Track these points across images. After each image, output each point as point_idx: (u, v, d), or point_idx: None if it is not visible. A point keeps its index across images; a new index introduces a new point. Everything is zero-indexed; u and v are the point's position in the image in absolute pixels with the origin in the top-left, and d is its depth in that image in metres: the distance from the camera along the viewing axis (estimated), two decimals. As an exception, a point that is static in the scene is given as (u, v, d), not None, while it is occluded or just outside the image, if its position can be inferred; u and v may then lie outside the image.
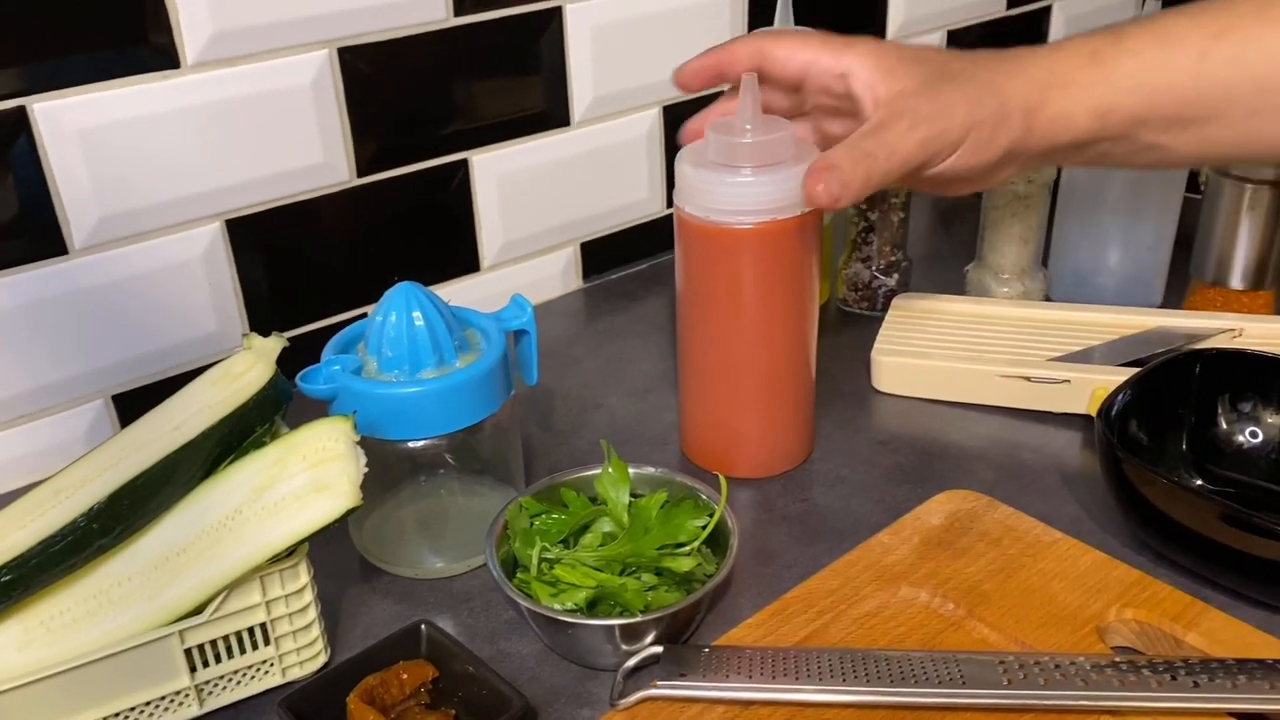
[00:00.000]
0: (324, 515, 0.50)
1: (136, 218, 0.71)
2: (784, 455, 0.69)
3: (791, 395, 0.68)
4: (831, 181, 0.54)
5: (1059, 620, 0.54)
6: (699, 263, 0.63)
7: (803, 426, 0.70)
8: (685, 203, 0.62)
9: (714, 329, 0.64)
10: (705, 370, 0.66)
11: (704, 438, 0.69)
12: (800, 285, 0.64)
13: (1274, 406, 0.65)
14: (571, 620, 0.52)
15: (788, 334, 0.65)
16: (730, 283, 0.62)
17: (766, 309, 0.63)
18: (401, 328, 0.57)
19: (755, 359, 0.65)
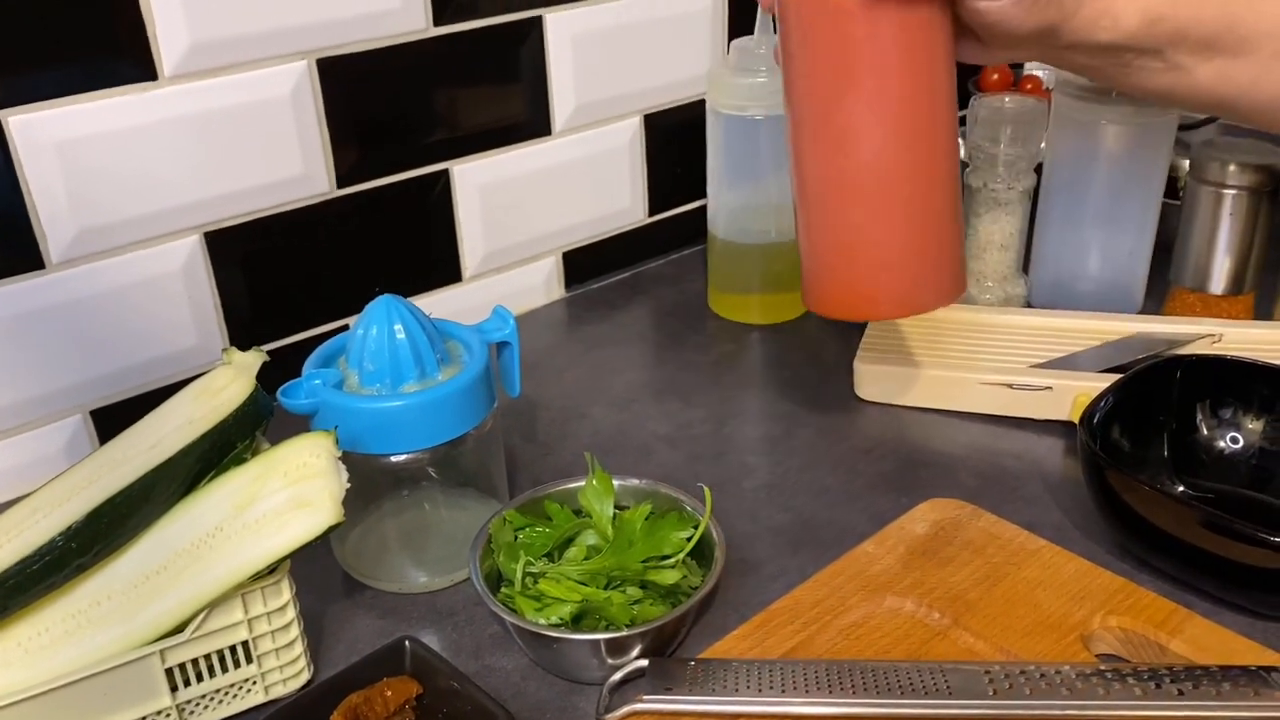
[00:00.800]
0: (305, 532, 0.50)
1: (114, 231, 0.70)
2: (934, 286, 0.58)
3: (941, 208, 0.56)
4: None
5: (1044, 628, 0.54)
6: (818, 44, 0.52)
7: (954, 252, 0.58)
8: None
9: (840, 126, 0.53)
10: (833, 183, 0.55)
11: (833, 274, 0.58)
12: (940, 59, 0.53)
13: (1254, 412, 0.65)
14: (556, 635, 0.51)
15: (931, 116, 0.54)
16: (860, 58, 0.52)
17: (904, 83, 0.52)
18: (383, 341, 0.57)
19: (898, 151, 0.54)
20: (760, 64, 0.79)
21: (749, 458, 0.73)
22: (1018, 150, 0.80)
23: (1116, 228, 0.82)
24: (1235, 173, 0.78)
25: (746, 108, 0.81)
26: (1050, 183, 0.84)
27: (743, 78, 0.80)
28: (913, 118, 0.53)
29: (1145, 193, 0.82)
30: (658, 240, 1.00)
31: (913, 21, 0.51)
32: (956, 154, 0.56)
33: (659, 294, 0.95)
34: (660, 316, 0.92)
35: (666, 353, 0.86)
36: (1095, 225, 0.83)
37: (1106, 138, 0.79)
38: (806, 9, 0.52)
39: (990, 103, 0.80)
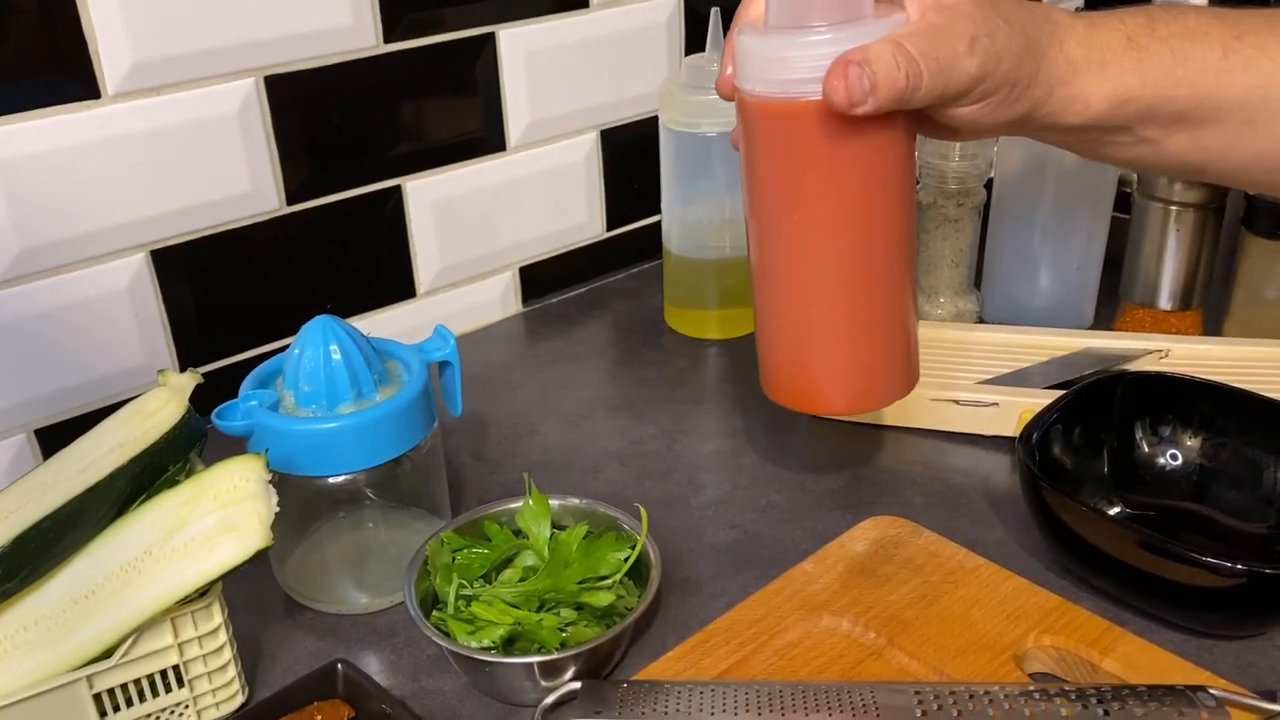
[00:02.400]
0: (233, 556, 0.49)
1: (58, 249, 0.70)
2: (886, 384, 0.57)
3: (893, 307, 0.55)
4: (858, 80, 0.46)
5: (978, 648, 0.54)
6: (774, 153, 0.51)
7: (905, 353, 0.57)
8: (751, 82, 0.50)
9: (790, 231, 0.53)
10: (781, 285, 0.54)
11: (788, 371, 0.57)
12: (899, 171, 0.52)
13: (1192, 429, 0.65)
14: (488, 659, 0.51)
15: (886, 230, 0.53)
16: (815, 171, 0.50)
17: (860, 201, 0.51)
18: (318, 362, 0.56)
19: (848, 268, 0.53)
20: (711, 80, 0.79)
21: (697, 475, 0.73)
22: (967, 166, 0.81)
23: (1065, 243, 0.83)
24: (1182, 189, 0.79)
25: (698, 124, 0.81)
26: (1000, 199, 0.84)
27: (694, 94, 0.80)
28: (868, 230, 0.52)
29: (1093, 208, 0.82)
30: (616, 255, 1.00)
31: (872, 139, 0.50)
32: (912, 256, 0.56)
33: (617, 309, 0.95)
34: (617, 332, 0.92)
35: (621, 368, 0.86)
36: (1044, 241, 0.83)
37: (1054, 154, 0.79)
38: (748, 110, 0.51)
39: (939, 119, 0.80)
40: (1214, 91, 0.52)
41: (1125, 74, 0.52)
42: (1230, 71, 0.52)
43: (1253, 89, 0.52)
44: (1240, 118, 0.53)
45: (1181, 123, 0.53)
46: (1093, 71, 0.52)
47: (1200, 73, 0.52)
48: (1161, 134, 0.54)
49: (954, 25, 0.48)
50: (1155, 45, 0.52)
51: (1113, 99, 0.52)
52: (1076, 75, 0.51)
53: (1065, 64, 0.51)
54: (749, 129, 0.52)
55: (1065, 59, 0.51)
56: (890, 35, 0.47)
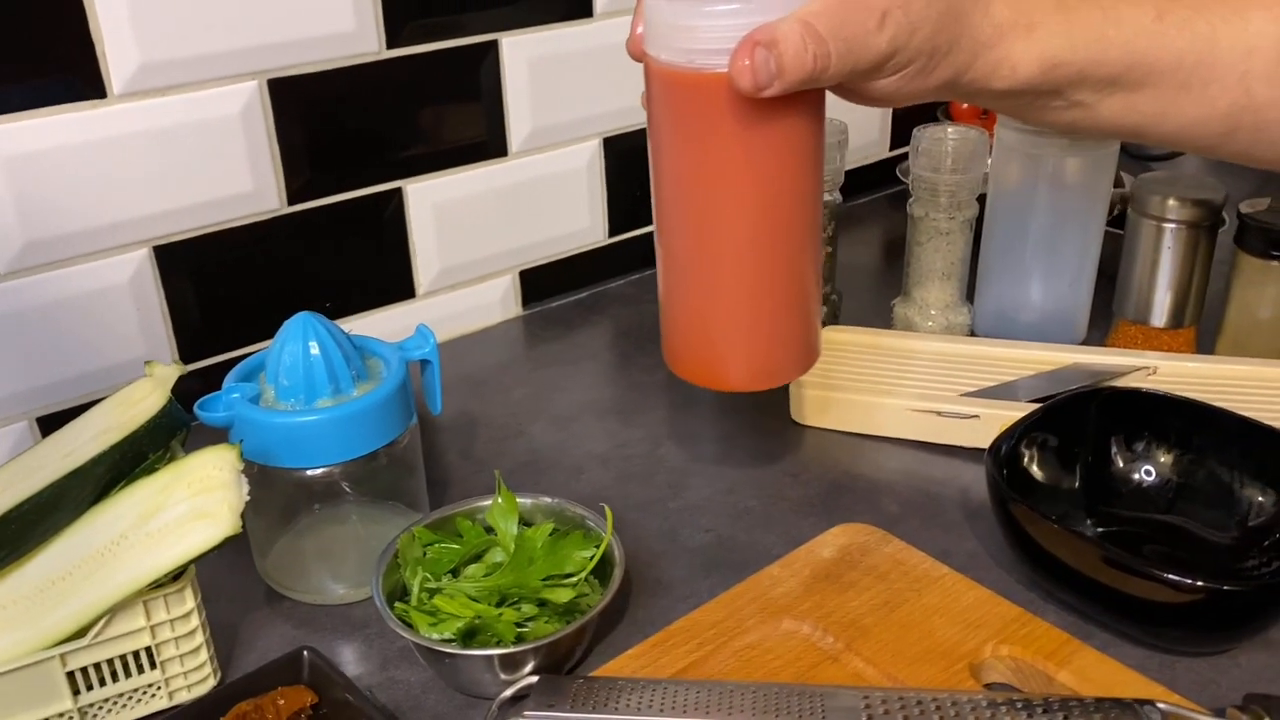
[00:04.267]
0: (203, 542, 0.51)
1: (63, 243, 0.72)
2: (779, 365, 0.57)
3: (793, 286, 0.55)
4: (764, 63, 0.46)
5: (934, 655, 0.55)
6: (678, 125, 0.51)
7: (803, 333, 0.57)
8: (657, 48, 0.49)
9: (692, 203, 0.52)
10: (683, 257, 0.54)
11: (689, 345, 0.57)
12: (808, 156, 0.51)
13: (1167, 445, 0.65)
14: (448, 650, 0.52)
15: (790, 209, 0.52)
16: (719, 146, 0.50)
17: (764, 178, 0.51)
18: (297, 357, 0.58)
19: (749, 244, 0.52)
20: None
21: (678, 478, 0.74)
22: (959, 180, 0.81)
23: (1057, 259, 0.83)
24: (1175, 207, 0.79)
25: None
26: (993, 213, 0.84)
27: None
28: (772, 206, 0.51)
29: (1085, 224, 0.82)
30: (618, 261, 1.01)
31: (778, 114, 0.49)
32: (816, 234, 0.55)
33: (616, 314, 0.97)
34: (614, 336, 0.93)
35: (615, 373, 0.88)
36: (1036, 256, 0.83)
37: (1047, 169, 0.80)
38: (655, 77, 0.51)
39: (932, 133, 0.81)
40: (1147, 54, 0.51)
41: (1054, 36, 0.51)
42: (1164, 34, 0.51)
43: (1187, 52, 0.51)
44: (1174, 81, 0.52)
45: (1115, 86, 0.52)
46: (1020, 34, 0.50)
47: (1133, 35, 0.51)
48: (1095, 98, 0.53)
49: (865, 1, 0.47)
50: (1086, 7, 0.51)
51: (1041, 62, 0.51)
52: (1003, 38, 0.50)
53: (990, 27, 0.50)
54: (654, 95, 0.51)
55: (990, 22, 0.50)
56: (799, 13, 0.46)
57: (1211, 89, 0.52)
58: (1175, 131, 0.55)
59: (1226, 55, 0.52)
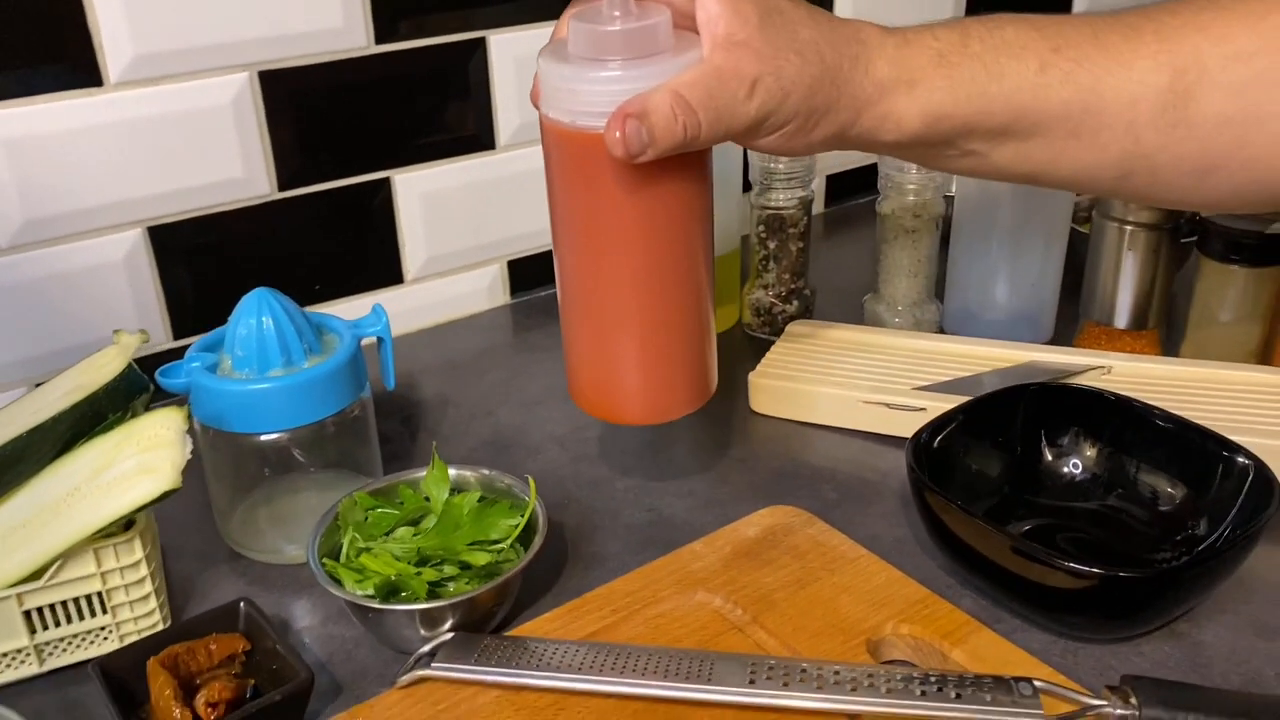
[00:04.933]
0: (144, 495, 0.55)
1: (60, 222, 0.77)
2: (670, 401, 0.60)
3: (680, 329, 0.58)
4: (636, 133, 0.49)
5: (834, 630, 0.57)
6: (566, 177, 0.54)
7: (692, 370, 0.60)
8: (547, 106, 0.53)
9: (582, 252, 0.56)
10: (577, 299, 0.58)
11: (585, 380, 0.61)
12: (689, 206, 0.55)
13: (1093, 439, 0.67)
14: (369, 605, 0.56)
15: (673, 258, 0.56)
16: (602, 199, 0.53)
17: (646, 229, 0.54)
18: (251, 330, 0.62)
19: (632, 289, 0.55)
20: None
21: (630, 460, 0.76)
22: (923, 179, 0.83)
23: (1022, 259, 0.84)
24: (1137, 210, 0.79)
25: None
26: (960, 213, 0.86)
27: None
28: (655, 255, 0.54)
29: (1049, 225, 0.83)
30: (606, 254, 1.04)
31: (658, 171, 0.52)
32: (703, 278, 0.58)
33: (601, 305, 0.99)
34: (595, 326, 0.96)
35: (590, 360, 0.90)
36: (1001, 256, 0.85)
37: (1008, 170, 0.81)
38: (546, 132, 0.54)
39: (897, 133, 0.83)
40: (1032, 106, 0.53)
41: (936, 92, 0.52)
42: (1048, 86, 0.52)
43: (1072, 102, 0.52)
44: (1063, 130, 0.53)
45: (1004, 136, 0.54)
46: (901, 91, 0.52)
47: (1016, 88, 0.52)
48: (986, 147, 0.54)
49: (738, 67, 0.50)
50: (968, 62, 0.53)
51: (925, 117, 0.52)
52: (885, 96, 0.52)
53: (871, 85, 0.52)
54: (546, 147, 0.55)
55: (871, 81, 0.52)
56: (671, 83, 0.49)
57: (1101, 136, 0.53)
58: (1070, 177, 0.57)
59: (1112, 105, 0.52)
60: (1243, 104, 0.52)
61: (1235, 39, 0.51)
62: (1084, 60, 0.53)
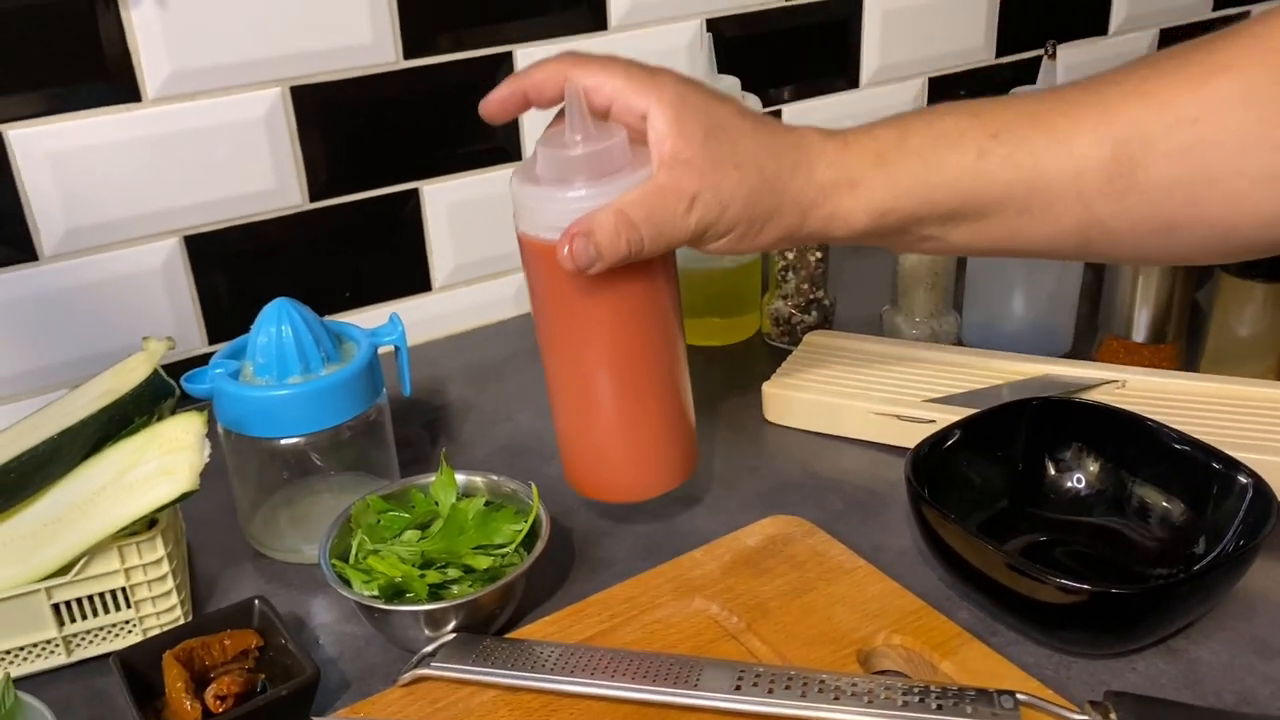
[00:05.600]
0: (163, 496, 0.58)
1: (100, 231, 0.81)
2: (652, 479, 0.66)
3: (659, 414, 0.64)
4: (583, 249, 0.55)
5: (826, 640, 0.58)
6: (540, 283, 0.61)
7: (671, 450, 0.66)
8: (521, 221, 0.60)
9: (562, 351, 0.62)
10: (562, 393, 0.65)
11: (573, 465, 0.67)
12: (652, 302, 0.60)
13: (1096, 454, 0.67)
14: (375, 605, 0.58)
15: (640, 355, 0.62)
16: (573, 303, 0.59)
17: (613, 330, 0.60)
18: (271, 339, 0.65)
19: (607, 383, 0.62)
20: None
21: (642, 468, 0.78)
22: (939, 192, 0.83)
23: (1038, 271, 0.85)
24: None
25: None
26: (976, 225, 0.86)
27: None
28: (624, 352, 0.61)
29: (1065, 239, 0.83)
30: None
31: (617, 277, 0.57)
32: (671, 366, 0.63)
33: (625, 313, 1.01)
34: (618, 334, 0.98)
35: (611, 367, 0.92)
36: (1018, 267, 0.85)
37: (1024, 184, 0.81)
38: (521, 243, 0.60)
39: (914, 146, 0.83)
40: (976, 192, 0.54)
41: (877, 189, 0.55)
42: (987, 172, 0.54)
43: (1015, 184, 0.54)
44: (1013, 209, 0.54)
45: (955, 220, 0.55)
46: (844, 191, 0.55)
47: (956, 177, 0.54)
48: (940, 231, 0.56)
49: (679, 184, 0.54)
50: (906, 159, 0.55)
51: (870, 214, 0.55)
52: (828, 198, 0.55)
53: (813, 189, 0.55)
54: (523, 257, 0.61)
55: (813, 185, 0.55)
56: (616, 203, 0.55)
57: (1053, 210, 0.54)
58: (1033, 249, 0.58)
59: (1056, 180, 0.54)
60: (1190, 166, 0.52)
61: (1177, 105, 0.52)
62: (1023, 142, 0.54)
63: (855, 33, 1.10)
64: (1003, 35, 1.20)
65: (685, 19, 0.99)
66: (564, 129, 0.57)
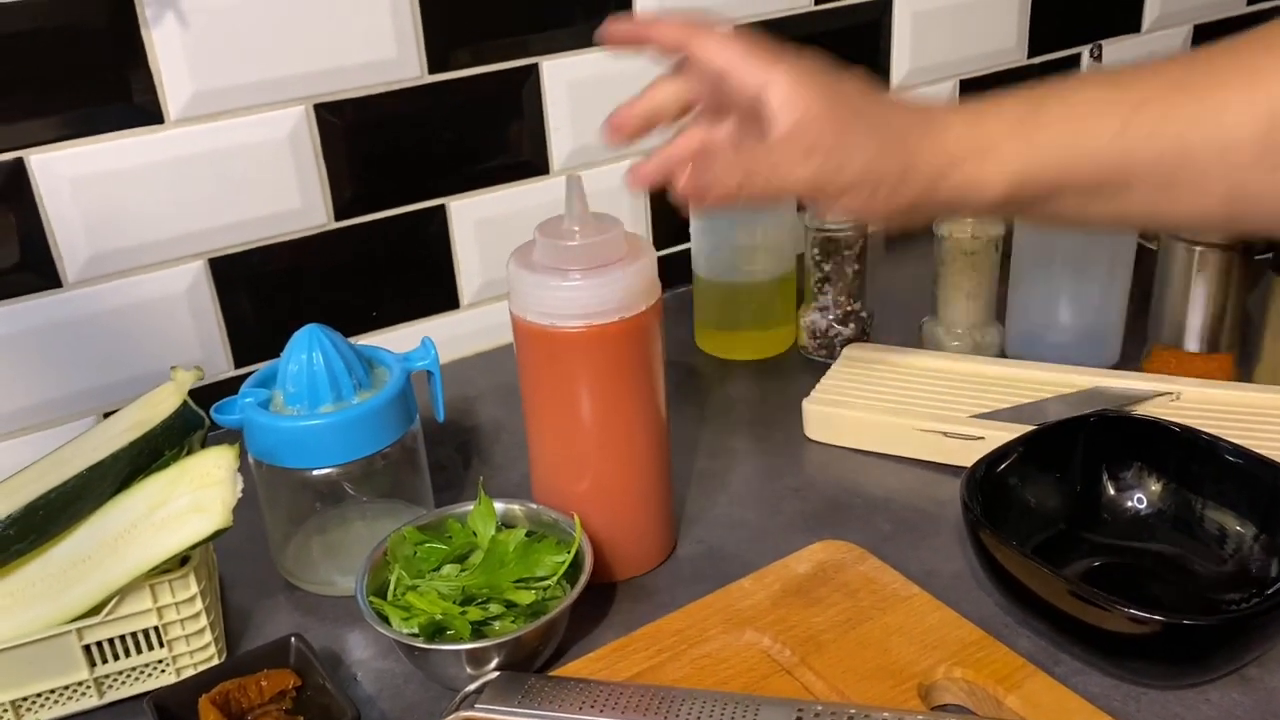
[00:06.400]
0: (196, 534, 0.56)
1: (124, 256, 0.79)
2: (631, 559, 0.67)
3: (634, 499, 0.65)
4: (698, 180, 0.54)
5: (885, 674, 0.55)
6: (532, 363, 0.63)
7: (651, 530, 0.67)
8: (515, 304, 0.61)
9: (550, 431, 0.64)
10: (546, 466, 0.66)
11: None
12: (639, 386, 0.62)
13: (1158, 473, 0.64)
14: (414, 644, 0.56)
15: (626, 437, 0.63)
16: (564, 386, 0.62)
17: (601, 412, 0.62)
18: (302, 367, 0.63)
19: (591, 463, 0.63)
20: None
21: (681, 489, 0.76)
22: (981, 200, 0.81)
23: (1085, 279, 0.82)
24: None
25: None
26: (1021, 234, 0.84)
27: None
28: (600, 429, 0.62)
29: (1113, 245, 0.81)
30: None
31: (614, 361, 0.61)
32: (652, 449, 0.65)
33: (656, 327, 0.99)
34: (650, 349, 0.96)
35: (644, 384, 0.90)
36: (1064, 276, 0.82)
37: (1070, 190, 0.79)
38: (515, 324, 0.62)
39: (954, 153, 0.81)
40: (1120, 167, 0.51)
41: (1016, 157, 0.52)
42: (1134, 142, 0.51)
43: (1160, 161, 0.51)
44: (1155, 183, 0.52)
45: (1093, 193, 0.53)
46: (979, 159, 0.53)
47: (1101, 147, 0.51)
48: (1080, 203, 0.54)
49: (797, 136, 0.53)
50: (1045, 128, 0.52)
51: (1008, 181, 0.53)
52: (961, 166, 0.53)
53: (944, 157, 0.53)
54: (516, 338, 0.63)
55: (944, 152, 0.53)
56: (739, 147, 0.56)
57: (1202, 184, 0.51)
58: (1179, 222, 0.57)
59: (1202, 156, 0.51)
60: None
61: None
62: (1171, 112, 0.51)
63: (885, 35, 1.08)
64: (1034, 35, 1.17)
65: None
66: (563, 218, 0.60)
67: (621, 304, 0.60)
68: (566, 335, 0.60)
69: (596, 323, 0.59)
